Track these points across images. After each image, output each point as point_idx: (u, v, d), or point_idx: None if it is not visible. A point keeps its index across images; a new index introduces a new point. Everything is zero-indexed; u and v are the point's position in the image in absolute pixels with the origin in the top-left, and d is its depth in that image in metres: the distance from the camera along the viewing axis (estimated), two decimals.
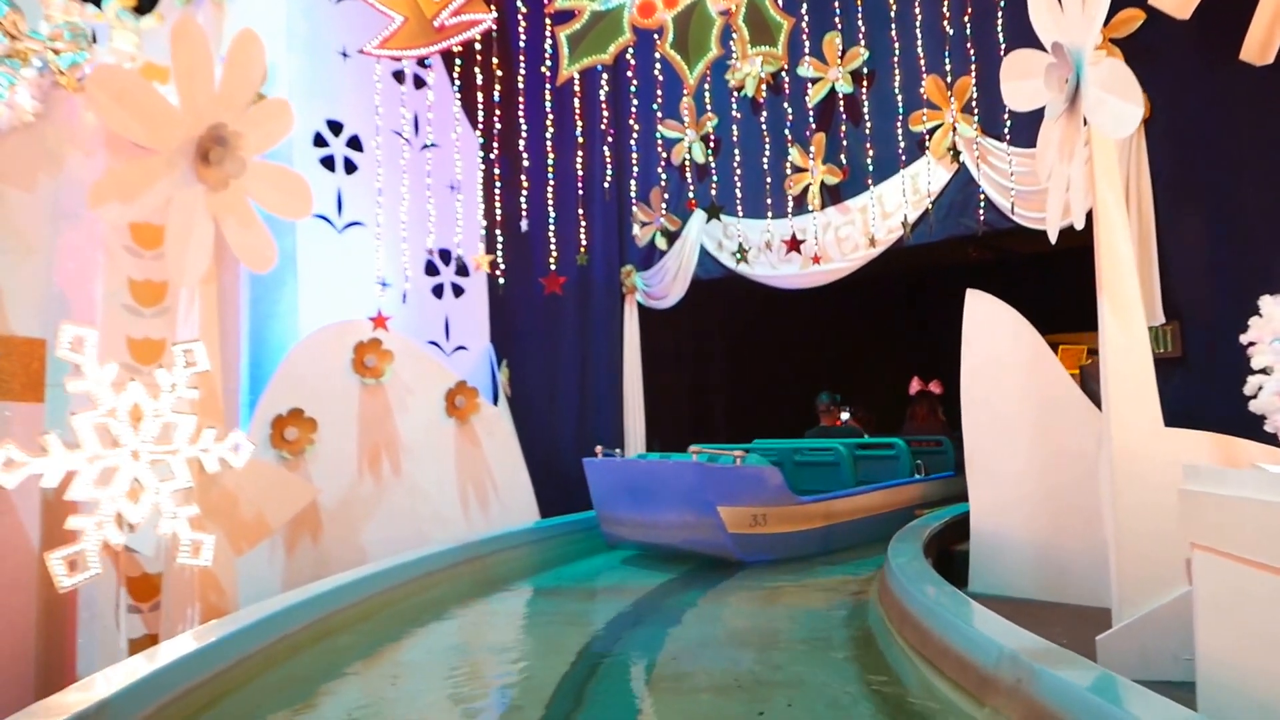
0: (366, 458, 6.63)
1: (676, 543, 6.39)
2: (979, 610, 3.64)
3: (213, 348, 4.80)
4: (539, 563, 6.42)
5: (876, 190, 7.37)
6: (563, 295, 6.42)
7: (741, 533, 6.13)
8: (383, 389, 6.78)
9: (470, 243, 8.23)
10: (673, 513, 6.22)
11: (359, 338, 6.64)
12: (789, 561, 6.37)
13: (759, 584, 5.67)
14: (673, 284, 8.87)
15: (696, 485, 6.07)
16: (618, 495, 6.61)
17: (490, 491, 7.26)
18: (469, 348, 8.11)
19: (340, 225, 7.39)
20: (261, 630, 3.82)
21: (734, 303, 9.96)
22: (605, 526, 6.82)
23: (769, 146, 7.92)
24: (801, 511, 6.61)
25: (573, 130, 8.27)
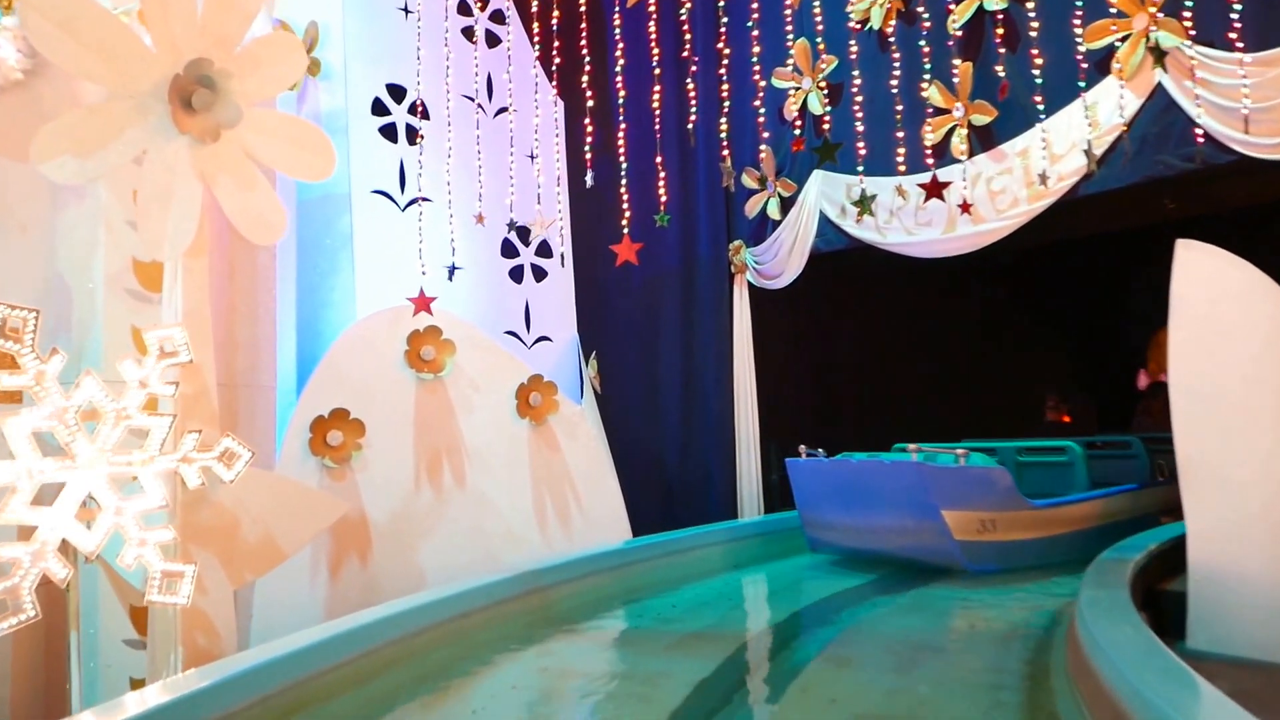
0: (424, 465, 5.75)
1: (892, 549, 6.00)
2: (1205, 691, 2.48)
3: (201, 336, 3.96)
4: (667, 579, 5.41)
5: (1042, 128, 5.89)
6: (638, 264, 5.32)
7: (969, 540, 5.69)
8: (442, 385, 5.88)
9: (553, 221, 7.26)
10: (890, 517, 5.85)
11: (414, 326, 5.76)
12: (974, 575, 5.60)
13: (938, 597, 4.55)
14: (788, 259, 7.64)
15: (918, 487, 5.63)
16: (826, 498, 6.24)
17: (572, 504, 6.25)
18: (553, 339, 7.14)
19: (403, 202, 6.56)
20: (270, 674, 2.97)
21: (862, 279, 8.61)
22: (811, 531, 6.42)
23: (901, 87, 6.56)
24: (1034, 517, 6.03)
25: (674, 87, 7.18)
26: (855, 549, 6.27)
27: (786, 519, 6.96)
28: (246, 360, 5.21)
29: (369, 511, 5.49)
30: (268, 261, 5.38)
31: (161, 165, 3.82)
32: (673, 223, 8.09)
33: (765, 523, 6.99)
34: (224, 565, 3.97)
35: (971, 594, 5.17)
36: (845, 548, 6.34)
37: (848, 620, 4.59)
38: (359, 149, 6.45)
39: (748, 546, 6.43)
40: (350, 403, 5.45)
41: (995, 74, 6.20)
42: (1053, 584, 5.33)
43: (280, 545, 4.22)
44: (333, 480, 5.40)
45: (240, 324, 5.22)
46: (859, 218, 7.05)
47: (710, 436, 7.86)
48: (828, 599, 5.03)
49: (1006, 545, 5.84)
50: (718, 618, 4.75)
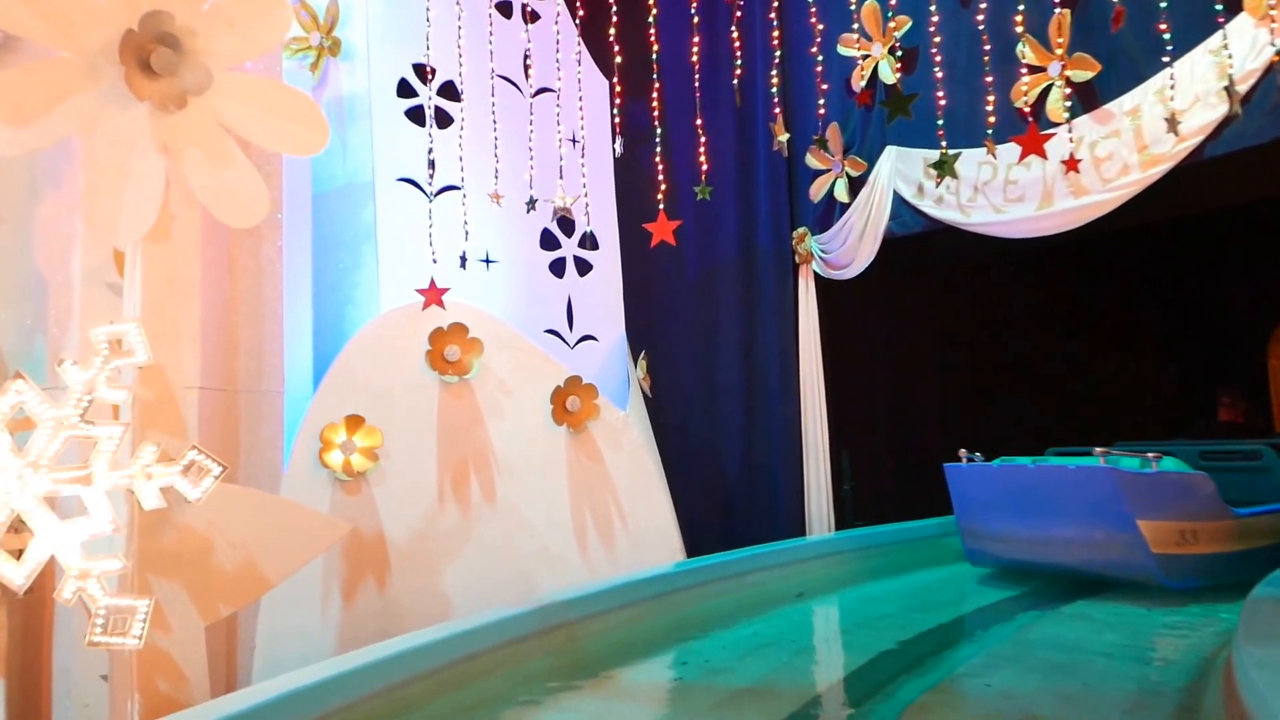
0: (448, 478, 5.17)
1: (1074, 563, 5.54)
2: None
3: (166, 334, 3.44)
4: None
5: (1156, 80, 5.01)
6: (676, 245, 4.64)
7: (1168, 553, 5.21)
8: (469, 389, 5.31)
9: (598, 207, 6.64)
10: (1074, 528, 5.40)
11: (436, 323, 5.20)
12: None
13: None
14: (859, 246, 6.86)
15: (1110, 495, 5.16)
16: (996, 507, 5.81)
17: (615, 520, 5.60)
18: (598, 338, 6.51)
19: (432, 190, 6.00)
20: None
21: (945, 266, 7.76)
22: (972, 543, 6.00)
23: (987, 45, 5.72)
24: (1238, 527, 5.51)
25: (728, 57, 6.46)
26: (1026, 562, 5.83)
27: (862, 536, 6.20)
28: (250, 363, 4.73)
29: (387, 529, 4.94)
30: (273, 255, 4.90)
31: (114, 136, 3.32)
32: (731, 209, 7.42)
33: (837, 541, 6.22)
34: (193, 598, 3.43)
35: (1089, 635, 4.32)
36: (1013, 560, 5.92)
37: (936, 672, 3.79)
38: (383, 134, 5.93)
39: (817, 570, 5.68)
40: (366, 409, 4.92)
41: (1098, 22, 5.32)
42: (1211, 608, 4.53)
43: (265, 573, 3.67)
44: (346, 494, 4.87)
45: (242, 323, 4.74)
46: (939, 179, 6.13)
47: (775, 444, 7.12)
48: (912, 641, 4.22)
49: (1207, 559, 5.36)
50: (778, 665, 4.00)
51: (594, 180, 6.70)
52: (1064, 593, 5.31)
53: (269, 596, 4.59)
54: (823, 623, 4.92)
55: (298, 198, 5.54)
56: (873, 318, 7.72)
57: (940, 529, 6.73)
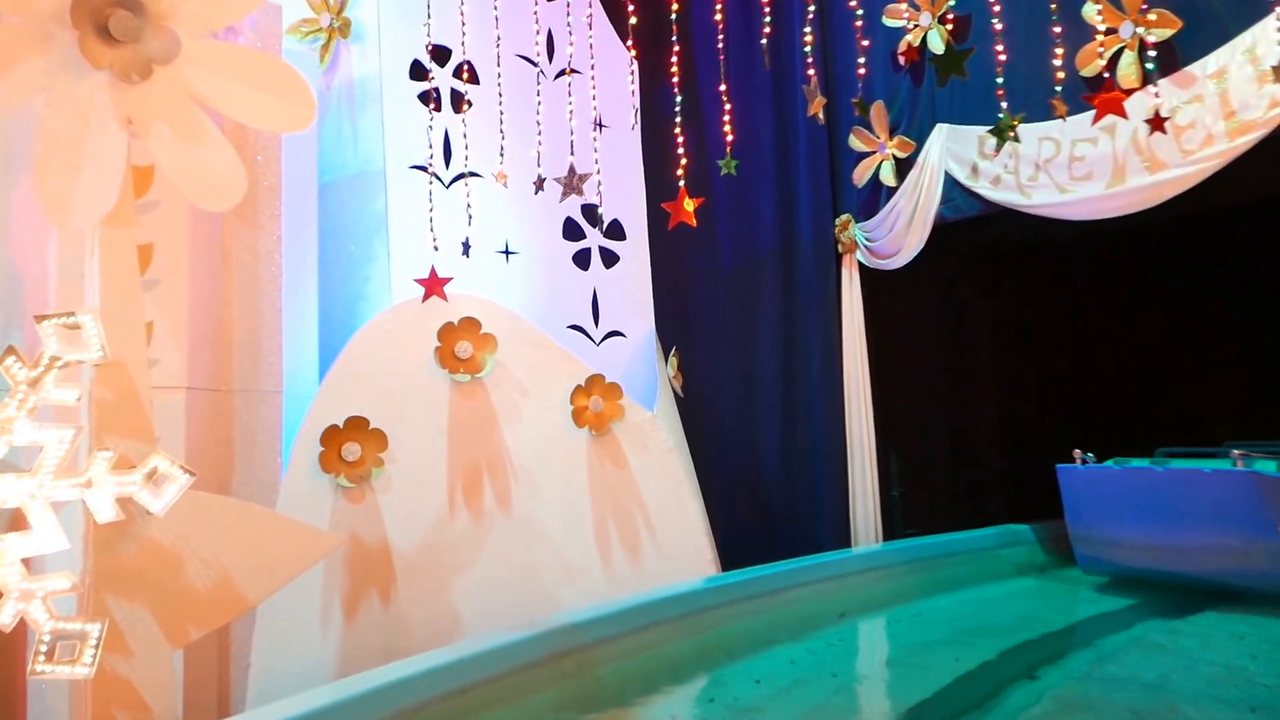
0: (460, 485, 4.81)
1: (1207, 572, 5.28)
2: None
3: (128, 327, 3.11)
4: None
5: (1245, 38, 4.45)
6: (698, 227, 4.20)
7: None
8: (482, 388, 4.94)
9: (625, 195, 6.25)
10: (1209, 535, 5.14)
11: (446, 318, 4.84)
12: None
13: None
14: (907, 233, 6.36)
15: (1253, 501, 4.89)
16: (1117, 511, 5.58)
17: (642, 531, 5.19)
18: (626, 334, 6.10)
19: (448, 178, 5.66)
20: None
21: (999, 254, 7.19)
22: (1087, 549, 5.77)
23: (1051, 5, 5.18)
24: None
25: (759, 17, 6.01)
26: (1149, 570, 5.58)
27: (912, 548, 5.71)
28: (245, 361, 4.42)
29: (393, 540, 4.59)
30: (271, 246, 4.59)
31: (68, 108, 2.99)
32: (769, 196, 6.97)
33: (884, 553, 5.74)
34: (159, 620, 3.10)
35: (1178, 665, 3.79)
36: (1135, 569, 5.67)
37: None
38: (395, 119, 5.60)
39: (862, 585, 5.20)
40: (370, 410, 4.58)
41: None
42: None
43: (243, 591, 3.33)
44: (349, 502, 4.53)
45: (237, 319, 4.43)
46: (995, 152, 5.61)
47: (817, 447, 6.65)
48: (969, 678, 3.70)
49: None
50: (816, 706, 3.50)
51: (621, 165, 6.31)
52: (1159, 609, 4.78)
53: (265, 611, 4.28)
54: (868, 650, 4.44)
55: (302, 186, 5.23)
56: (922, 310, 7.19)
57: (998, 539, 6.22)
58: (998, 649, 4.07)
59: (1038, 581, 5.76)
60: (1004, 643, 4.18)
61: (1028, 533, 6.35)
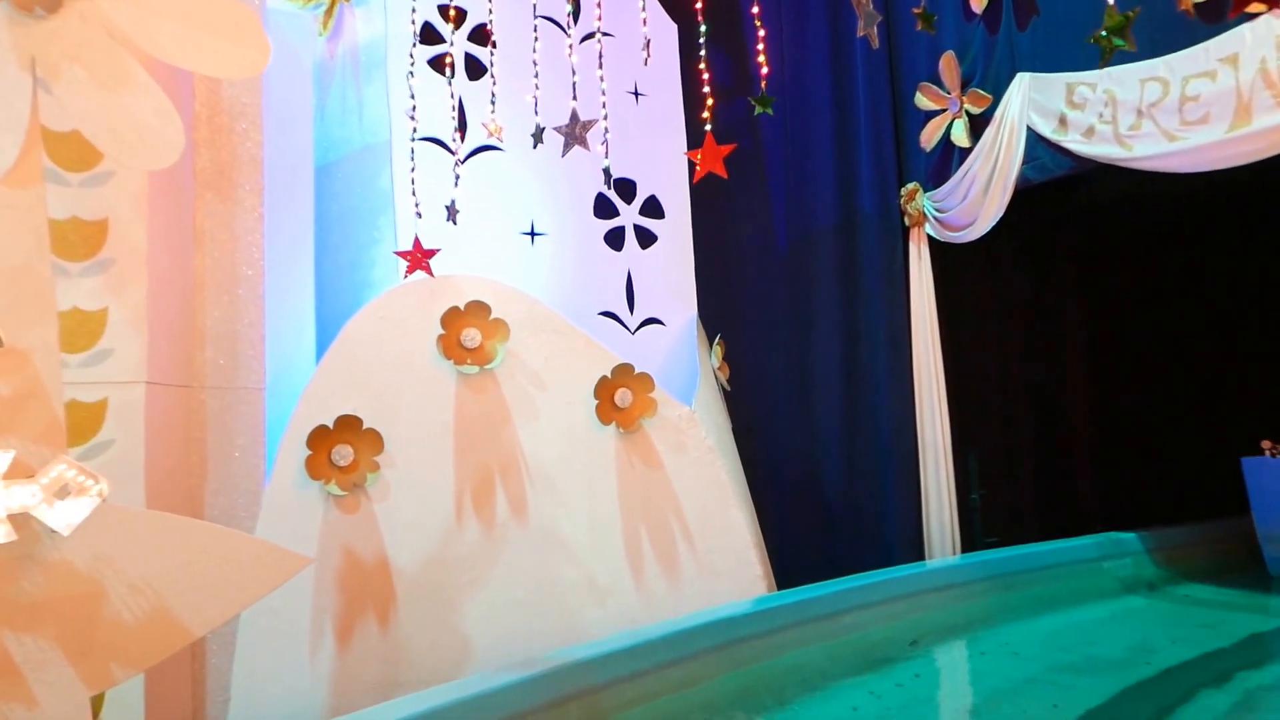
0: (468, 491, 4.26)
1: None
2: None
3: (35, 307, 2.61)
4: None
5: None
6: (728, 179, 3.55)
7: None
8: (493, 382, 4.38)
9: (663, 169, 5.64)
10: None
11: (451, 302, 4.29)
12: None
13: None
14: (984, 200, 5.59)
15: None
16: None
17: (680, 542, 4.56)
18: (665, 321, 5.49)
19: (462, 152, 5.13)
20: None
21: (1094, 220, 6.32)
22: (1277, 550, 5.42)
23: None
24: None
25: None
26: None
27: (995, 560, 4.95)
28: (220, 354, 3.94)
29: (391, 554, 4.06)
30: (252, 225, 4.11)
31: None
32: (826, 166, 6.28)
33: (962, 567, 4.99)
34: (73, 659, 2.59)
35: None
36: None
37: None
38: (403, 88, 5.07)
39: (936, 606, 4.48)
40: (364, 408, 4.06)
41: None
42: None
43: (183, 621, 2.80)
44: (342, 512, 4.01)
45: (210, 306, 3.95)
46: (1103, 63, 4.81)
47: (883, 445, 5.93)
48: None
49: None
50: None
51: (659, 138, 5.71)
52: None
53: (248, 636, 3.80)
54: (948, 693, 3.70)
55: (295, 160, 4.76)
56: (1003, 289, 6.38)
57: (1098, 549, 5.40)
58: (1107, 691, 3.30)
59: (1148, 600, 4.94)
60: (1114, 682, 3.41)
61: (1133, 541, 5.52)
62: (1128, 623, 4.46)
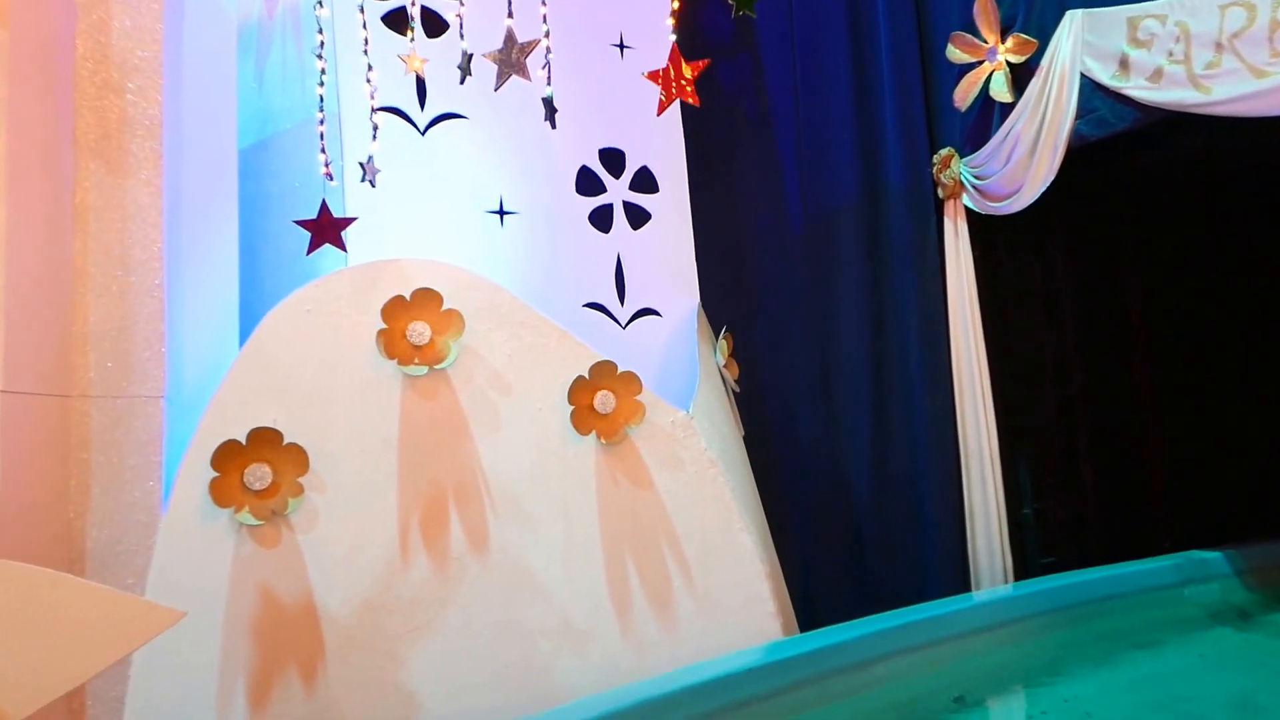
0: (417, 517, 3.60)
1: None
2: None
3: None
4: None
5: None
6: (700, 106, 2.86)
7: None
8: (445, 384, 3.73)
9: (655, 136, 4.99)
10: None
11: (394, 290, 3.64)
12: None
13: None
14: (1030, 164, 4.88)
15: None
16: None
17: (675, 575, 3.88)
18: (662, 312, 4.82)
19: (423, 122, 4.53)
20: None
21: (1167, 182, 5.52)
22: None
23: None
24: None
25: None
26: None
27: (1055, 590, 4.21)
28: (106, 357, 3.33)
29: (319, 596, 3.42)
30: (147, 202, 3.51)
31: None
32: (846, 132, 5.58)
33: (1016, 599, 4.26)
34: None
35: None
36: None
37: None
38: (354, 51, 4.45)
39: (989, 648, 3.76)
40: (286, 419, 3.43)
41: None
42: None
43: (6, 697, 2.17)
44: (257, 545, 3.38)
45: (92, 300, 3.33)
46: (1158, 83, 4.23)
47: (920, 453, 5.23)
48: None
49: None
50: None
51: (650, 95, 5.03)
52: None
53: (140, 699, 3.16)
54: None
55: (214, 131, 4.12)
56: (1055, 268, 5.61)
57: (1177, 573, 4.64)
58: None
59: (1243, 635, 4.18)
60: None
61: (1219, 562, 4.75)
62: (1223, 667, 3.71)
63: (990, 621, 3.92)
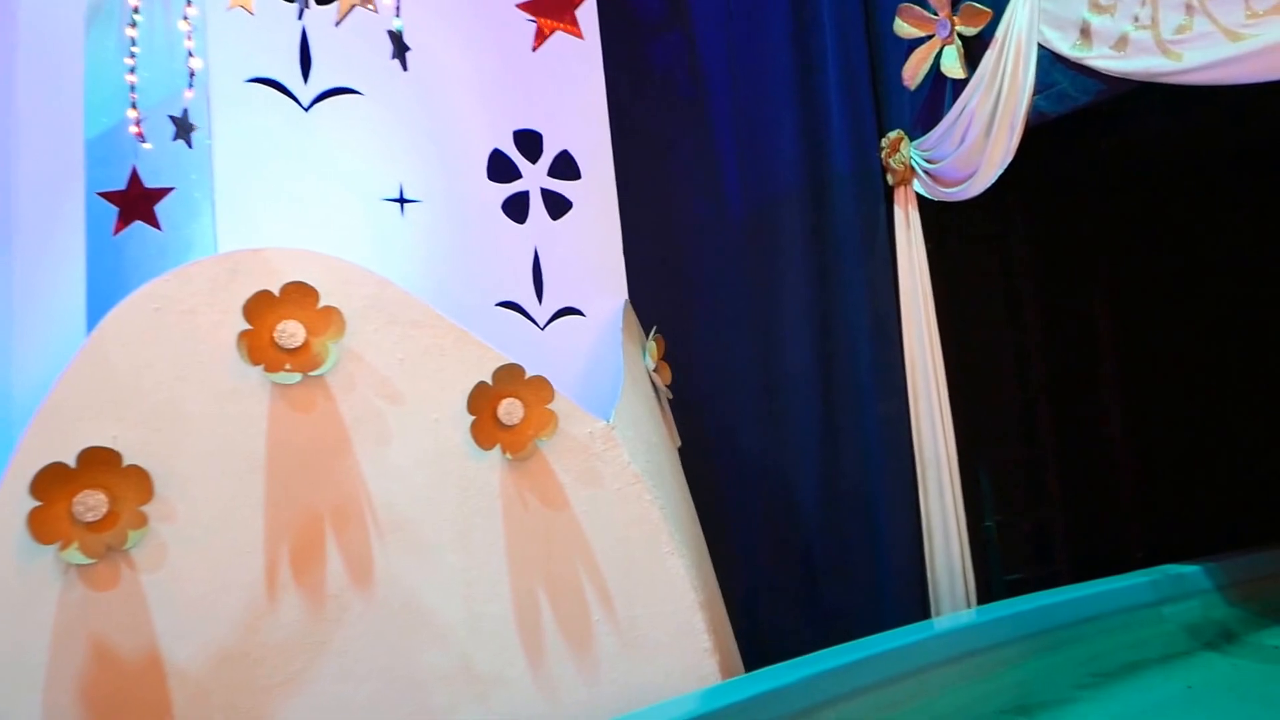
0: (287, 550, 3.12)
1: None
2: None
3: None
4: None
5: None
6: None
7: None
8: (323, 393, 3.25)
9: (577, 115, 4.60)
10: None
11: (262, 284, 3.16)
12: None
13: None
14: (985, 144, 4.53)
15: None
16: None
17: (595, 607, 3.43)
18: (585, 311, 4.39)
19: (307, 98, 4.08)
20: None
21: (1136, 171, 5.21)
22: None
23: None
24: None
25: None
26: None
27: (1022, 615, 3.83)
28: None
29: (166, 649, 2.92)
30: None
31: None
32: (788, 116, 5.23)
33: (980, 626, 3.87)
34: None
35: None
36: None
37: None
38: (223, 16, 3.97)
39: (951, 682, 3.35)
40: (127, 436, 2.95)
41: None
42: None
43: None
44: (90, 588, 2.88)
45: None
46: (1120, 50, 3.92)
47: (872, 462, 4.85)
48: None
49: None
50: None
51: (568, 74, 4.63)
52: None
53: None
54: None
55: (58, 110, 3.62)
56: (1015, 260, 5.26)
57: (1154, 590, 4.29)
58: None
59: (1229, 660, 3.83)
60: None
61: (1198, 576, 4.41)
62: (1214, 699, 3.35)
63: (953, 653, 3.51)
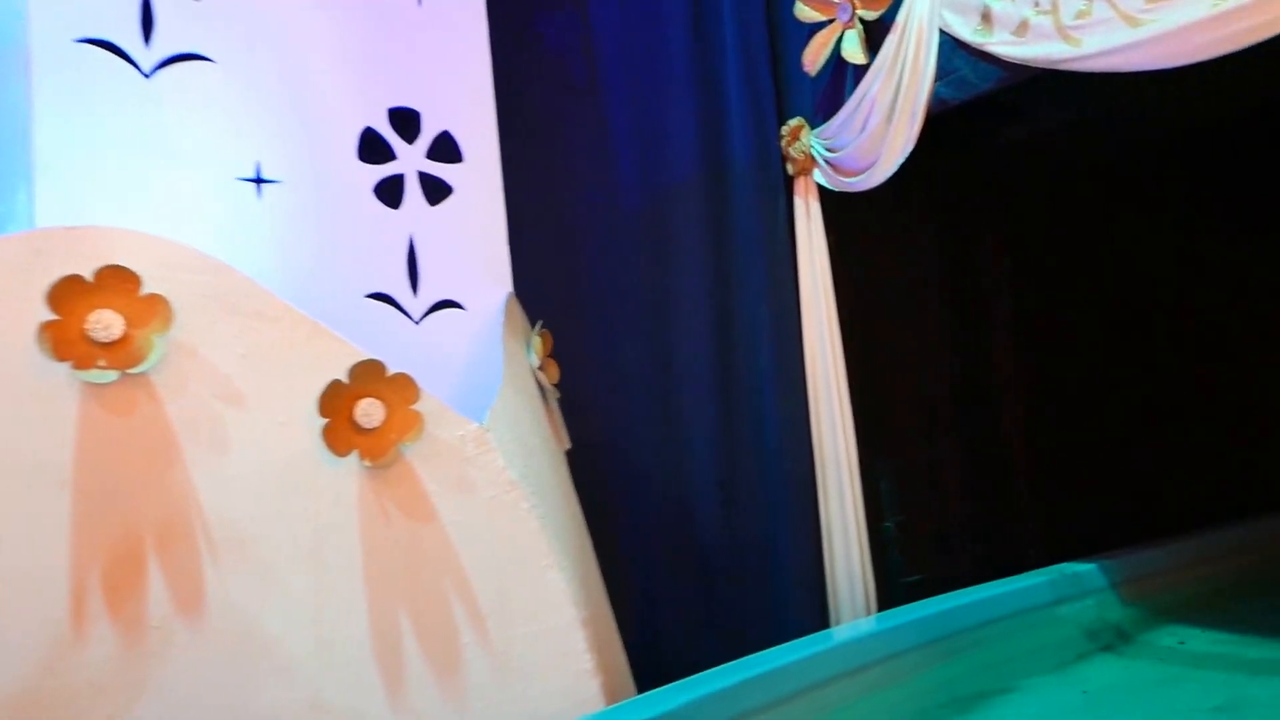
0: (99, 574, 2.72)
1: None
2: None
3: None
4: None
5: None
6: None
7: None
8: (146, 393, 2.86)
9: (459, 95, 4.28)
10: None
11: (71, 268, 2.75)
12: None
13: None
14: (886, 133, 4.38)
15: None
16: None
17: (464, 630, 3.12)
18: (465, 304, 4.08)
19: (149, 64, 3.65)
20: None
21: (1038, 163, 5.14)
22: None
23: None
24: None
25: None
26: None
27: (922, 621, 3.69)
28: None
29: None
30: None
31: None
32: (684, 103, 5.01)
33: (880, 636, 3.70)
34: None
35: None
36: None
37: None
38: None
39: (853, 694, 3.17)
40: None
41: None
42: None
43: None
44: None
45: None
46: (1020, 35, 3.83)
47: (771, 463, 4.66)
48: None
49: None
50: None
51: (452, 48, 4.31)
52: None
53: None
54: None
55: None
56: (918, 253, 5.15)
57: (1051, 590, 4.21)
58: None
59: (1122, 661, 3.76)
60: None
61: (1093, 575, 4.35)
62: (1113, 699, 3.25)
63: (852, 665, 3.32)
